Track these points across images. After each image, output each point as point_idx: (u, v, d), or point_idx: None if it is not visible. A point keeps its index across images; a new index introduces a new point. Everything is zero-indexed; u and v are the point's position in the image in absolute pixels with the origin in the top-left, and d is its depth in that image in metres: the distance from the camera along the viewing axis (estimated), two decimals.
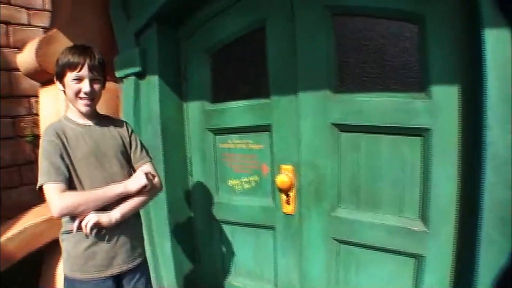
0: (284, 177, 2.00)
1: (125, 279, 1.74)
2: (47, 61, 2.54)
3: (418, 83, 1.57)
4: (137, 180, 1.69)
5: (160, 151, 2.43)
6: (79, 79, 1.60)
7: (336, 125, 1.82)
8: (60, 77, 1.63)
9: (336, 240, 1.90)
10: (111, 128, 1.78)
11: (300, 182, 1.99)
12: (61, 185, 1.52)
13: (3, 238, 2.50)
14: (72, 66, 1.58)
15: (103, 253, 1.65)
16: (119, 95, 2.74)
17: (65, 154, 1.58)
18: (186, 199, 2.61)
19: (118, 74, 2.62)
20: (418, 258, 1.65)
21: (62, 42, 2.57)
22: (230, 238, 2.47)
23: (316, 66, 1.83)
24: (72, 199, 1.53)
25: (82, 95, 1.62)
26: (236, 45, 2.26)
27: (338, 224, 1.88)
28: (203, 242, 2.64)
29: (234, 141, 2.34)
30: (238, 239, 2.44)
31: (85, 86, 1.61)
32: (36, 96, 3.33)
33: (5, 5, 3.82)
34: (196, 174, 2.57)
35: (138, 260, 1.79)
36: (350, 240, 1.85)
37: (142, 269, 1.82)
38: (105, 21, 2.73)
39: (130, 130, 1.86)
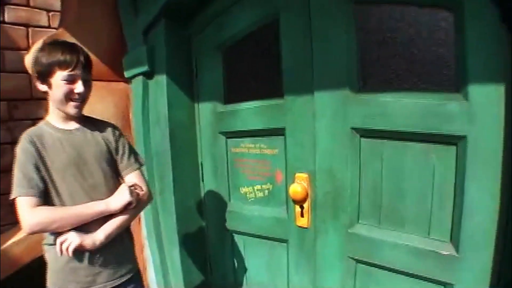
0: (297, 187, 1.78)
1: None
2: None
3: (453, 82, 1.31)
4: (120, 197, 1.52)
5: (168, 155, 2.26)
6: (71, 79, 1.44)
7: (356, 129, 1.58)
8: (45, 77, 1.44)
9: (353, 259, 1.66)
10: (95, 132, 1.59)
11: (315, 193, 1.76)
12: (32, 199, 1.37)
13: (9, 242, 2.40)
14: (64, 65, 1.42)
15: (85, 269, 1.50)
16: (130, 96, 2.60)
17: (40, 164, 1.42)
18: (197, 206, 2.43)
19: (126, 74, 2.48)
20: (446, 286, 1.39)
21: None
22: (243, 250, 2.27)
23: (334, 63, 1.60)
24: (45, 215, 1.37)
25: (74, 96, 1.47)
26: (249, 41, 2.06)
27: (356, 242, 1.63)
28: (215, 252, 2.45)
29: (246, 146, 2.14)
30: (251, 250, 2.23)
31: (79, 86, 1.46)
32: None
33: (24, 7, 3.77)
34: (208, 180, 2.39)
35: (126, 277, 1.63)
36: (369, 260, 1.60)
37: (132, 284, 1.66)
38: (114, 19, 2.59)
39: (117, 134, 1.67)
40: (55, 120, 1.53)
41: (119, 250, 1.59)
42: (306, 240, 1.84)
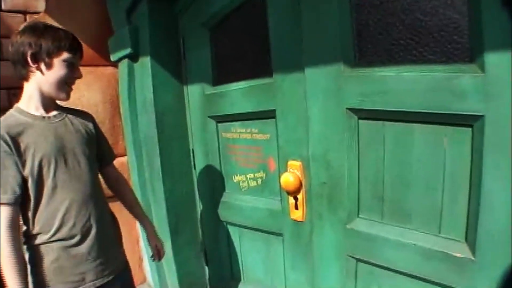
0: (288, 177, 1.55)
1: None
2: None
3: (466, 51, 1.05)
4: None
5: (155, 142, 2.05)
6: (72, 64, 1.38)
7: (353, 110, 1.33)
8: (45, 56, 1.32)
9: (353, 258, 1.43)
10: (74, 120, 1.47)
11: (310, 183, 1.53)
12: (8, 209, 1.26)
13: None
14: (72, 48, 1.37)
15: (72, 268, 1.37)
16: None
17: (19, 159, 1.27)
18: (189, 195, 2.22)
19: (112, 57, 2.26)
20: None
21: None
22: (239, 242, 2.06)
23: (325, 33, 1.34)
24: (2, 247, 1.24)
25: (71, 80, 1.41)
26: (236, 16, 1.80)
27: (355, 239, 1.40)
28: (210, 244, 2.25)
29: (237, 130, 1.90)
30: (247, 243, 2.02)
31: (78, 71, 1.43)
32: None
33: None
34: (200, 168, 2.17)
35: (115, 273, 1.50)
36: (370, 260, 1.37)
37: (121, 279, 1.55)
38: (101, 1, 2.34)
39: (95, 122, 1.59)
40: (32, 106, 1.36)
41: (107, 242, 1.48)
42: (302, 235, 1.62)
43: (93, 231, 1.41)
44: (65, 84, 1.39)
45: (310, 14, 1.38)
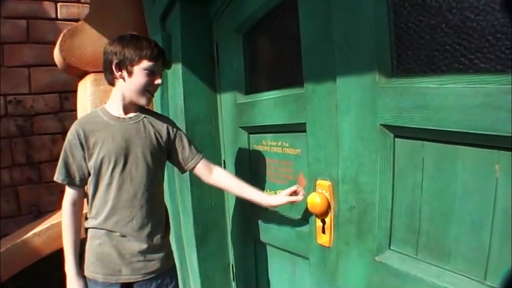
0: (315, 198, 1.36)
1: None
2: (72, 55, 2.24)
3: None
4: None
5: None
6: (153, 72, 1.46)
7: (388, 127, 1.12)
8: (128, 64, 1.42)
9: None
10: (149, 125, 1.54)
11: (338, 206, 1.33)
12: (69, 188, 1.47)
13: (30, 233, 2.25)
14: (152, 56, 1.43)
15: (114, 258, 1.47)
16: None
17: (85, 155, 1.44)
18: (218, 207, 2.09)
19: None
20: None
21: (88, 34, 2.23)
22: (267, 260, 1.88)
23: (360, 39, 1.15)
24: (64, 210, 1.47)
25: (151, 88, 1.49)
26: (269, 21, 1.66)
27: (385, 274, 1.18)
28: (238, 260, 2.09)
29: (268, 143, 1.75)
30: (274, 262, 1.84)
31: (158, 79, 1.49)
32: None
33: (75, 4, 3.67)
34: None
35: (152, 275, 1.53)
36: None
37: (162, 279, 1.57)
38: (137, 8, 2.29)
39: (174, 130, 1.61)
40: (114, 107, 1.50)
41: (147, 249, 1.51)
42: (328, 261, 1.42)
43: (134, 233, 1.47)
44: (146, 91, 1.47)
45: (342, 14, 1.20)
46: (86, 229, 1.52)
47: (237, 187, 1.63)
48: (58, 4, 3.75)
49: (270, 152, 1.74)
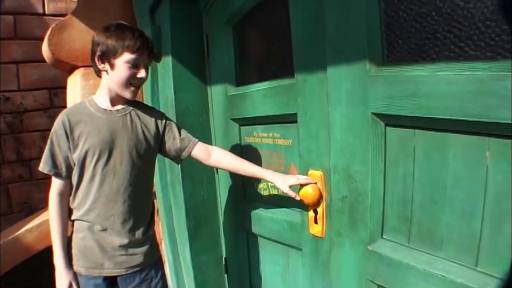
0: (307, 188, 1.35)
1: (121, 281, 1.51)
2: (60, 49, 2.19)
3: None
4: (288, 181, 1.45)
5: None
6: (136, 64, 1.38)
7: (379, 115, 1.11)
8: (111, 56, 1.36)
9: (374, 283, 1.21)
10: (136, 119, 1.50)
11: (330, 196, 1.33)
12: (55, 179, 1.44)
13: (22, 230, 2.22)
14: (134, 49, 1.35)
15: (96, 251, 1.45)
16: None
17: (70, 146, 1.40)
18: (211, 200, 2.07)
19: None
20: None
21: (76, 27, 2.18)
22: (259, 252, 1.87)
23: (350, 26, 1.14)
24: (51, 203, 1.45)
25: (135, 81, 1.41)
26: (259, 12, 1.63)
27: (378, 263, 1.18)
28: (231, 253, 2.08)
29: (259, 135, 1.73)
30: (267, 254, 1.83)
31: (142, 72, 1.41)
32: None
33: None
34: (223, 173, 2.01)
35: (136, 269, 1.51)
36: None
37: (146, 272, 1.55)
38: (127, 1, 2.24)
39: (163, 122, 1.57)
40: (101, 99, 1.47)
41: (129, 243, 1.48)
42: (321, 251, 1.42)
43: (116, 227, 1.45)
44: (130, 84, 1.41)
45: (333, 4, 1.18)
46: (72, 222, 1.50)
47: (239, 166, 1.57)
48: None
49: (262, 143, 1.72)
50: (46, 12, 3.66)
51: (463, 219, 0.97)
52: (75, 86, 2.21)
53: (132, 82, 1.41)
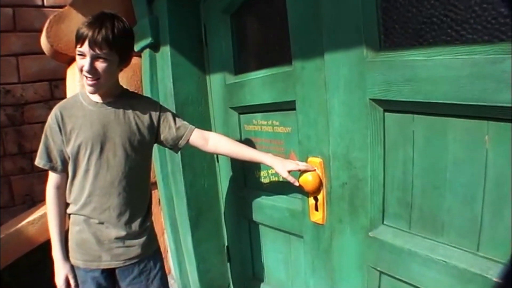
0: (307, 176, 1.36)
1: (119, 273, 1.50)
2: (59, 41, 2.17)
3: None
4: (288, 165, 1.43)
5: None
6: (81, 54, 1.30)
7: (377, 101, 1.11)
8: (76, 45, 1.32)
9: (376, 269, 1.22)
10: (128, 110, 1.45)
11: (330, 183, 1.33)
12: (51, 173, 1.45)
13: (24, 222, 2.23)
14: (78, 39, 1.29)
15: (93, 244, 1.44)
16: None
17: (63, 139, 1.39)
18: (211, 189, 2.08)
19: (135, 47, 2.13)
20: None
21: (74, 19, 2.15)
22: (261, 240, 1.89)
23: (346, 11, 1.13)
24: (47, 196, 1.45)
25: (84, 73, 1.32)
26: (256, 1, 1.63)
27: (379, 249, 1.19)
28: (233, 241, 2.10)
29: (259, 122, 1.73)
30: (268, 242, 1.84)
31: (86, 64, 1.29)
32: None
33: None
34: (223, 161, 2.02)
35: (133, 260, 1.49)
36: (395, 275, 1.15)
37: (144, 263, 1.53)
38: None
39: (158, 112, 1.52)
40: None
41: (126, 235, 1.46)
42: (322, 239, 1.42)
43: (112, 220, 1.43)
44: (84, 76, 1.34)
45: None
46: (69, 216, 1.50)
47: (237, 150, 1.55)
48: None
49: (261, 131, 1.72)
50: (45, 3, 3.62)
51: (463, 203, 0.97)
52: (74, 78, 2.20)
53: (84, 74, 1.33)
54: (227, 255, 2.15)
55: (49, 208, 1.45)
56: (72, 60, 2.30)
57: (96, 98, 1.42)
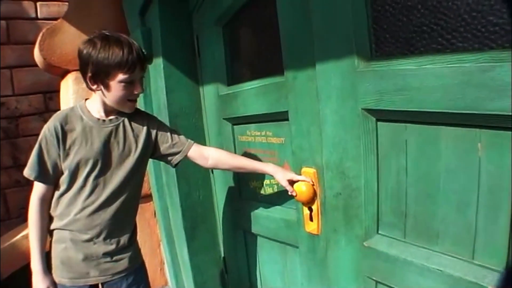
0: (301, 186, 1.34)
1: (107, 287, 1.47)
2: (52, 54, 2.17)
3: (506, 35, 0.80)
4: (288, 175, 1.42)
5: None
6: (131, 82, 1.32)
7: (369, 111, 1.10)
8: (103, 77, 1.29)
9: (372, 279, 1.20)
10: (128, 126, 1.44)
11: (324, 193, 1.32)
12: (39, 185, 1.38)
13: (19, 236, 2.20)
14: (126, 68, 1.27)
15: (80, 262, 1.40)
16: None
17: (60, 153, 1.34)
18: (206, 200, 2.06)
19: None
20: None
21: (67, 32, 2.16)
22: (257, 251, 1.87)
23: (337, 21, 1.12)
24: (31, 211, 1.39)
25: (133, 97, 1.38)
26: (248, 10, 1.62)
27: (374, 259, 1.17)
28: (229, 252, 2.07)
29: (252, 133, 1.72)
30: (264, 253, 1.82)
31: (138, 87, 1.35)
32: None
33: (55, 2, 3.58)
34: (218, 173, 2.00)
35: (122, 274, 1.47)
36: (391, 285, 1.14)
37: (132, 277, 1.50)
38: (116, 3, 2.22)
39: (155, 128, 1.51)
40: (95, 108, 1.40)
41: (114, 250, 1.44)
42: (317, 249, 1.41)
43: (102, 236, 1.41)
44: (127, 101, 1.37)
45: (320, 1, 1.17)
46: (51, 231, 1.44)
47: (238, 165, 1.54)
48: (38, 3, 3.65)
49: (255, 142, 1.71)
50: (39, 16, 3.63)
51: (458, 211, 0.96)
52: (68, 90, 2.19)
53: (130, 98, 1.37)
54: (224, 266, 2.12)
55: (32, 219, 1.39)
56: (65, 72, 2.29)
57: (98, 114, 1.40)
